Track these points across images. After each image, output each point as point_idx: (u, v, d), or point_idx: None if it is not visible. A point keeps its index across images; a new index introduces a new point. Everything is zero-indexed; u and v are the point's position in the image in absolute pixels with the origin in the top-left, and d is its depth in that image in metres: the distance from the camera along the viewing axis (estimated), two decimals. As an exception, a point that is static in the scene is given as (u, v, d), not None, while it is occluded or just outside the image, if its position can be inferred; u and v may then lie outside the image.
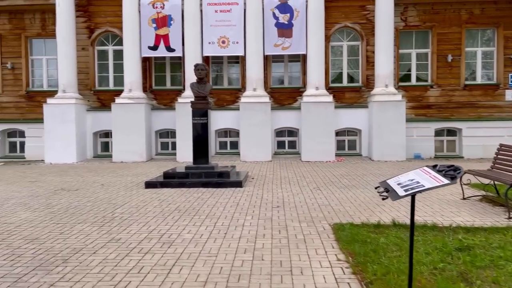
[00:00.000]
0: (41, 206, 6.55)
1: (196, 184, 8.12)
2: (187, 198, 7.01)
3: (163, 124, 14.06)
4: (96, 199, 7.03)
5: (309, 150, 12.92)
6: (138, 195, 7.37)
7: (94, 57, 14.41)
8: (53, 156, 13.18)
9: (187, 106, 12.90)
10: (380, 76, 13.15)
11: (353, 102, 14.06)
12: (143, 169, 11.30)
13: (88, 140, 14.07)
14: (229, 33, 13.50)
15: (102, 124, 14.05)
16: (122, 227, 5.21)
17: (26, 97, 14.55)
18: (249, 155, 13.01)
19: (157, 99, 14.40)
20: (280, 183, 8.65)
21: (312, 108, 12.99)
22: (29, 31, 14.43)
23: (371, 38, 13.79)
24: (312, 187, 8.10)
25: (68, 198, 7.21)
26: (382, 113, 12.83)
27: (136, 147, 13.22)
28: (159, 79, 14.65)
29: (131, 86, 13.48)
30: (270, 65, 14.26)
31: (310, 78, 13.36)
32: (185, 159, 12.94)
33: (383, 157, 12.77)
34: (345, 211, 5.95)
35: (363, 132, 13.74)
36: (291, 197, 7.08)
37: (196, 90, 8.77)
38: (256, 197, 7.05)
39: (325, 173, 10.17)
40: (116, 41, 14.37)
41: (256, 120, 12.99)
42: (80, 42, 14.08)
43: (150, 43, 13.65)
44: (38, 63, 14.75)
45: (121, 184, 8.76)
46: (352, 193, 7.39)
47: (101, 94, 14.42)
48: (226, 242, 4.53)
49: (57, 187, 8.39)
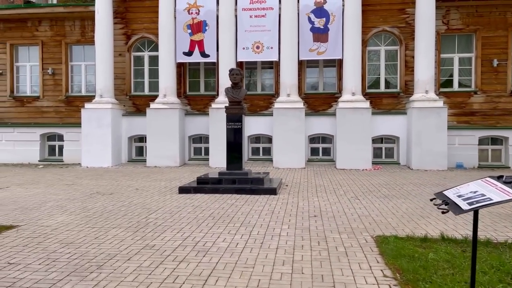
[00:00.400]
0: (77, 209, 6.58)
1: (229, 190, 7.97)
2: (221, 205, 6.86)
3: (196, 129, 14.08)
4: (130, 204, 7.00)
5: (344, 158, 12.55)
6: (171, 200, 7.29)
7: (131, 63, 14.65)
8: (89, 159, 13.43)
9: (221, 112, 12.90)
10: (420, 81, 12.63)
11: (390, 108, 13.59)
12: (177, 174, 11.29)
13: (123, 145, 14.26)
14: (264, 38, 13.38)
15: (136, 128, 14.22)
16: (156, 233, 5.10)
17: (65, 102, 14.96)
18: (282, 161, 12.78)
19: (191, 105, 14.45)
20: (316, 191, 8.36)
21: (348, 114, 12.63)
22: (69, 37, 14.87)
23: (411, 42, 13.31)
24: (349, 196, 7.77)
25: (103, 202, 7.22)
26: (422, 120, 12.30)
27: (169, 152, 13.28)
28: (193, 84, 14.71)
29: (166, 92, 13.58)
30: (304, 70, 14.03)
31: (346, 84, 13.01)
32: (217, 165, 12.87)
33: (423, 166, 12.21)
34: (387, 223, 5.62)
35: (401, 140, 13.22)
36: (328, 206, 6.79)
37: (230, 95, 8.66)
38: (292, 205, 6.81)
39: (362, 181, 9.79)
40: (151, 47, 14.55)
41: (290, 126, 12.76)
42: (117, 48, 14.35)
43: (185, 48, 13.72)
44: (77, 69, 15.15)
45: (155, 188, 8.74)
46: (393, 203, 7.02)
47: (136, 99, 14.62)
48: (262, 253, 4.32)
49: (92, 191, 8.46)
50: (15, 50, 15.25)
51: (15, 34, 15.01)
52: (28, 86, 15.29)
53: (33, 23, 14.95)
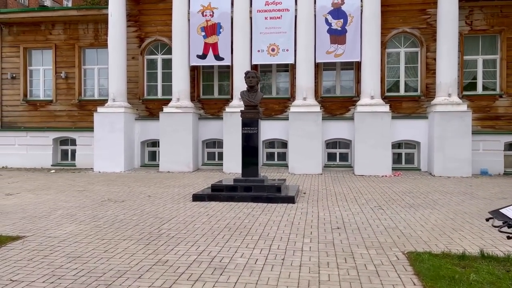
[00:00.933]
0: (87, 218, 6.29)
1: (245, 198, 7.62)
2: (237, 214, 6.51)
3: (210, 133, 13.78)
4: (142, 212, 6.70)
5: (363, 163, 12.10)
6: (185, 209, 6.96)
7: (144, 66, 14.45)
8: (102, 164, 13.22)
9: (235, 116, 12.59)
10: (443, 84, 12.12)
11: (411, 112, 13.10)
12: (190, 180, 10.98)
13: (136, 149, 14.04)
14: (279, 41, 13.04)
15: (149, 133, 13.99)
16: (169, 246, 4.77)
17: (78, 106, 14.82)
18: (298, 167, 12.38)
19: (205, 109, 14.17)
20: (336, 199, 7.96)
21: (366, 118, 12.19)
22: (82, 41, 14.74)
23: (432, 44, 12.82)
24: (372, 205, 7.35)
25: (114, 210, 6.93)
26: (445, 124, 11.79)
27: (183, 157, 12.99)
28: (207, 88, 14.43)
29: (179, 95, 13.32)
30: (321, 73, 13.64)
31: (364, 87, 12.58)
32: (231, 170, 12.54)
33: (446, 173, 11.69)
34: (417, 236, 5.19)
35: (422, 145, 12.71)
36: (351, 217, 6.38)
37: (246, 98, 8.32)
38: (312, 216, 6.42)
39: (383, 189, 9.34)
40: (165, 50, 14.33)
41: (306, 130, 12.37)
42: (130, 51, 14.16)
43: (199, 51, 13.46)
44: (90, 73, 15.01)
45: (167, 196, 8.43)
46: (420, 213, 6.58)
47: (149, 103, 14.40)
48: (285, 271, 3.95)
49: (104, 198, 8.19)
50: (29, 54, 15.19)
51: (28, 37, 14.95)
52: (41, 90, 15.21)
53: (46, 27, 14.87)
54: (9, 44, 15.10)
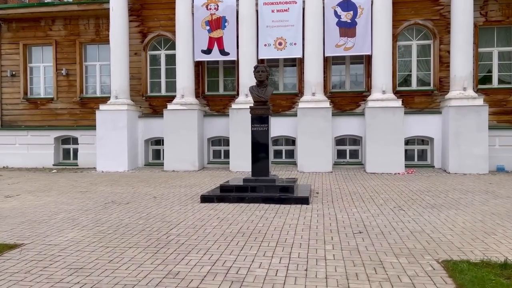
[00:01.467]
0: (90, 222, 5.90)
1: (256, 199, 7.22)
2: (249, 217, 6.11)
3: (216, 131, 13.37)
4: (148, 216, 6.30)
5: (374, 161, 11.67)
6: (193, 211, 6.57)
7: (147, 62, 14.03)
8: (105, 164, 12.84)
9: (241, 112, 12.19)
10: (457, 78, 11.66)
11: (423, 107, 12.65)
12: (196, 179, 10.59)
13: (140, 148, 13.65)
14: (287, 34, 12.59)
15: (153, 131, 13.59)
16: (180, 254, 4.37)
17: (80, 104, 14.42)
18: (307, 165, 11.96)
19: (210, 105, 13.75)
20: (352, 199, 7.54)
21: (378, 113, 11.75)
22: (83, 37, 14.33)
23: (445, 36, 12.36)
24: (391, 205, 6.93)
25: (118, 213, 6.54)
26: (460, 119, 11.34)
27: (188, 155, 12.60)
28: (212, 84, 14.01)
29: (184, 92, 12.90)
30: (329, 67, 13.19)
31: (375, 81, 12.13)
32: (238, 169, 12.16)
33: (462, 169, 11.26)
34: (448, 241, 4.77)
35: (436, 141, 12.27)
36: (371, 219, 5.97)
37: (255, 94, 7.90)
38: (329, 218, 6.01)
39: (399, 187, 8.92)
40: (168, 45, 13.91)
41: (316, 127, 11.94)
42: (132, 47, 13.75)
43: (204, 46, 13.03)
44: (91, 69, 14.61)
45: (174, 197, 8.04)
46: (445, 215, 6.16)
47: (153, 100, 13.99)
48: (310, 284, 3.54)
49: (107, 199, 7.80)
50: (28, 51, 14.79)
51: (28, 34, 14.55)
52: (42, 88, 14.82)
53: (46, 22, 14.46)
54: (8, 40, 14.70)
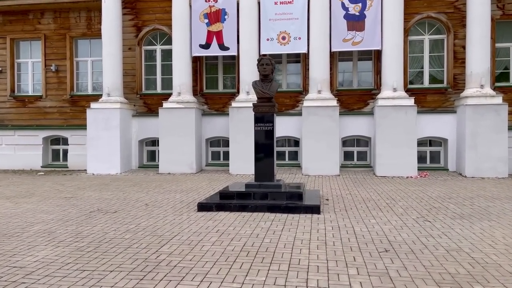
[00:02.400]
0: (69, 236, 5.08)
1: (260, 208, 6.40)
2: (253, 230, 5.30)
3: (215, 131, 12.56)
4: (137, 228, 5.48)
5: (385, 163, 10.88)
6: (189, 222, 5.75)
7: (141, 58, 13.21)
8: (96, 166, 12.01)
9: (242, 111, 11.38)
10: (474, 74, 10.88)
11: (436, 106, 11.86)
12: (193, 183, 9.77)
13: (134, 149, 12.83)
14: (290, 28, 11.79)
15: (148, 131, 12.77)
16: (171, 283, 3.55)
17: (70, 102, 13.59)
18: (312, 168, 11.16)
19: (208, 104, 12.94)
20: (367, 208, 6.73)
21: (389, 112, 10.96)
22: (74, 31, 13.50)
23: (460, 30, 11.58)
24: (413, 215, 6.13)
25: (103, 224, 5.72)
26: (478, 119, 10.56)
27: (185, 157, 11.77)
28: (211, 81, 13.20)
29: (180, 89, 12.09)
30: (336, 63, 12.39)
31: (385, 78, 11.34)
32: (238, 172, 11.37)
33: (479, 173, 10.48)
34: (495, 264, 3.97)
35: (450, 142, 11.49)
36: (394, 232, 5.16)
37: (259, 89, 7.09)
38: (347, 232, 5.19)
39: (416, 193, 8.12)
40: (164, 40, 13.10)
41: (322, 126, 11.14)
42: (126, 41, 12.94)
43: (202, 41, 12.22)
44: (83, 65, 13.77)
45: (168, 204, 7.21)
46: (479, 227, 5.36)
47: (148, 98, 13.17)
48: (338, 329, 2.73)
49: (93, 207, 6.97)
50: (16, 46, 13.94)
51: (15, 27, 13.71)
52: (30, 85, 13.97)
53: (35, 15, 13.62)
54: (-6, 35, 13.87)
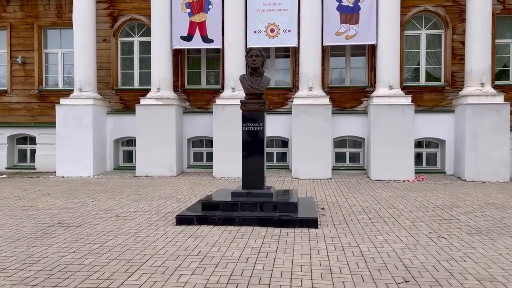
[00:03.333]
0: (14, 262, 4.12)
1: (249, 221, 5.54)
2: (242, 251, 4.43)
3: (197, 130, 11.63)
4: (102, 249, 4.55)
5: (380, 166, 10.16)
6: (166, 240, 4.85)
7: (117, 50, 12.17)
8: (66, 168, 10.96)
9: (227, 109, 10.50)
10: (474, 72, 10.25)
11: (433, 105, 11.21)
12: (173, 188, 8.85)
13: (108, 149, 11.80)
14: (280, 20, 10.96)
15: (125, 129, 11.76)
16: (135, 336, 2.66)
17: (39, 97, 12.45)
18: (303, 170, 10.37)
19: (190, 101, 12.00)
20: (369, 219, 5.95)
21: (385, 112, 10.24)
22: (42, 19, 12.34)
23: (459, 24, 10.95)
24: (424, 229, 5.36)
25: (61, 243, 4.76)
26: (479, 119, 9.93)
27: (164, 159, 10.82)
28: (193, 76, 12.26)
29: (160, 85, 11.12)
30: (327, 59, 11.61)
31: (381, 75, 10.61)
32: (223, 174, 10.50)
33: (479, 177, 9.85)
34: (543, 300, 3.21)
35: (448, 144, 10.85)
36: (409, 253, 4.37)
37: (248, 84, 6.22)
38: (353, 253, 4.38)
39: (418, 200, 7.39)
40: (143, 31, 12.09)
41: (313, 126, 10.36)
42: (100, 32, 11.89)
43: (183, 32, 11.27)
44: (53, 58, 12.63)
45: (143, 215, 6.29)
46: (503, 246, 4.62)
47: (124, 94, 12.15)
48: None
49: (54, 219, 5.99)
50: (-22, 35, 12.73)
51: (-23, 15, 12.50)
52: (-7, 78, 12.79)
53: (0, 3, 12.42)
54: (-46, 23, 12.61)
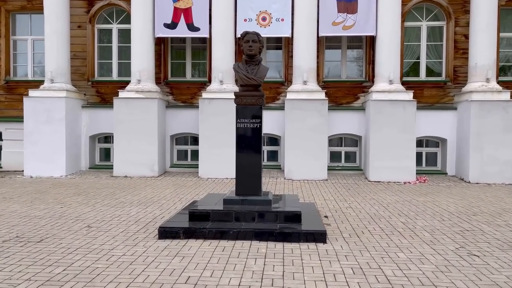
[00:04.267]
0: None
1: (245, 234, 4.70)
2: (241, 277, 3.60)
3: (181, 126, 10.72)
4: (64, 275, 3.64)
5: (379, 167, 9.46)
6: (146, 261, 3.97)
7: (94, 38, 11.13)
8: (35, 166, 9.90)
9: (214, 103, 9.63)
10: (479, 67, 9.63)
11: (434, 101, 10.58)
12: (155, 191, 7.93)
13: (83, 146, 10.77)
14: (272, 7, 10.12)
15: (102, 125, 10.75)
16: None
17: (5, 89, 11.30)
18: (296, 171, 9.59)
19: (174, 94, 11.06)
20: (382, 231, 5.18)
21: (385, 108, 9.53)
22: (10, 3, 11.17)
23: (462, 16, 10.32)
24: (449, 244, 4.62)
25: (14, 267, 3.83)
26: (484, 117, 9.32)
27: (145, 157, 9.88)
28: (177, 68, 11.32)
29: (141, 76, 10.15)
30: (322, 51, 10.84)
31: (380, 69, 9.90)
32: (209, 175, 9.65)
33: (484, 178, 9.26)
34: None
35: (449, 143, 10.23)
36: (443, 278, 3.61)
37: (243, 74, 5.36)
38: (376, 278, 3.59)
39: (427, 205, 6.69)
40: (122, 17, 11.09)
41: (308, 123, 9.58)
42: (75, 18, 10.84)
43: (167, 19, 10.31)
44: (22, 45, 11.47)
45: (119, 225, 5.38)
46: (548, 267, 3.92)
47: (101, 86, 11.13)
48: None
49: (12, 231, 5.03)
50: None
51: None
52: (-46, 67, 11.55)
53: (-39, -17, 11.22)
54: None
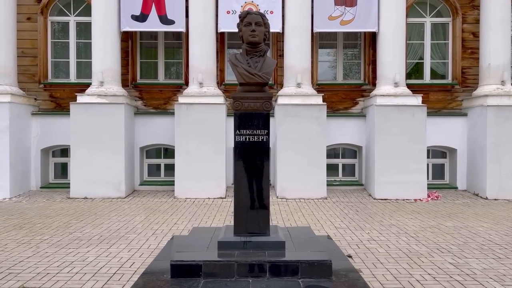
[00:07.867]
0: None
1: (254, 297, 3.23)
2: None
3: (153, 136, 9.09)
4: None
5: (386, 182, 8.21)
6: None
7: (47, 33, 9.39)
8: (-30, 188, 8.04)
9: (193, 109, 8.06)
10: (493, 68, 8.59)
11: (441, 107, 9.46)
12: (121, 219, 6.30)
13: (34, 161, 8.96)
14: (259, -2, 8.76)
15: (56, 135, 8.98)
16: None
17: None
18: (291, 188, 8.19)
19: (144, 99, 9.44)
20: (433, 278, 3.82)
21: (391, 114, 8.30)
22: None
23: (470, 12, 9.29)
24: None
25: None
26: (502, 124, 8.25)
27: (109, 174, 8.20)
28: (148, 68, 9.72)
29: (104, 78, 8.49)
30: (316, 50, 9.53)
31: (384, 70, 8.68)
32: (188, 195, 8.12)
33: (503, 194, 8.18)
34: None
35: (459, 153, 9.12)
36: None
37: (244, 68, 3.91)
38: None
39: (465, 235, 5.42)
40: (82, 8, 9.40)
41: (304, 132, 8.22)
42: (23, 8, 9.10)
43: (136, 10, 8.73)
44: (-43, 40, 9.58)
45: (68, 282, 3.76)
46: None
47: (56, 89, 9.38)
48: None
49: None
50: None
51: None
52: None
53: None
54: None
